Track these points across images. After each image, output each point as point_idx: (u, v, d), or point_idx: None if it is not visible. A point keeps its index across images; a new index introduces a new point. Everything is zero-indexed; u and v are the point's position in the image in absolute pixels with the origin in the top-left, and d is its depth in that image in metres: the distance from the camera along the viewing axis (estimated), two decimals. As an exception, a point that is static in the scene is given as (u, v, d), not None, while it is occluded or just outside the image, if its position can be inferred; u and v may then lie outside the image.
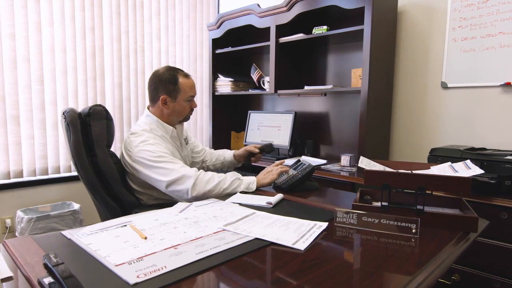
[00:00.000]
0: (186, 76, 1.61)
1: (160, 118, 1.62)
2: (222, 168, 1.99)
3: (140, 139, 1.51)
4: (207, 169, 1.96)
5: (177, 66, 3.11)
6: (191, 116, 1.73)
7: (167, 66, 1.64)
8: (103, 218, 1.64)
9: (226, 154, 1.98)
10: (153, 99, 1.62)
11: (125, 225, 1.06)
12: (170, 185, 1.42)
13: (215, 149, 2.44)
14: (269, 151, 1.92)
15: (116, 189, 1.53)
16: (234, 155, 1.96)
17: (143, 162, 1.47)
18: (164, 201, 1.58)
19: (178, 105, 1.60)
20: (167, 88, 1.56)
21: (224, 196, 1.42)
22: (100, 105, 1.53)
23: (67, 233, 0.99)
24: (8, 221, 2.36)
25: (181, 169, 1.43)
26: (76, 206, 2.43)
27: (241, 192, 1.46)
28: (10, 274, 0.77)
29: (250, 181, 1.48)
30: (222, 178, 1.43)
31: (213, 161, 1.98)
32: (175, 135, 1.67)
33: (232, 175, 1.46)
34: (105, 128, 1.51)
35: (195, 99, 1.68)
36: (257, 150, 1.92)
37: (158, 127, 1.61)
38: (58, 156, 2.54)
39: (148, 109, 1.67)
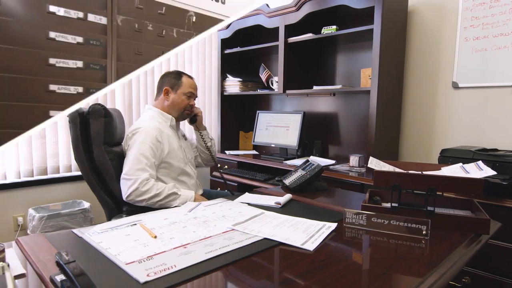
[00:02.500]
0: (190, 77, 1.84)
1: (161, 109, 1.79)
2: (206, 146, 2.00)
3: (135, 127, 1.65)
4: (200, 158, 2.03)
5: (186, 66, 3.18)
6: (196, 119, 1.89)
7: (176, 70, 1.89)
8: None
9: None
10: (158, 91, 1.83)
11: (135, 224, 1.07)
12: (123, 178, 1.53)
13: (223, 148, 2.43)
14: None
15: (111, 185, 1.61)
16: (195, 132, 2.02)
17: (130, 146, 1.59)
18: None
19: (177, 97, 1.78)
20: (171, 81, 1.79)
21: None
22: (99, 104, 1.62)
23: (78, 231, 1.01)
24: (20, 219, 2.40)
25: (137, 172, 1.52)
26: (86, 204, 2.46)
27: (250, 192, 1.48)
28: (22, 271, 0.78)
29: (189, 196, 1.59)
30: (159, 191, 1.52)
31: (199, 152, 2.04)
32: (173, 124, 1.80)
33: (171, 188, 1.56)
34: (103, 126, 1.60)
35: (196, 104, 1.88)
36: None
37: (159, 116, 1.77)
38: (70, 155, 2.57)
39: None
